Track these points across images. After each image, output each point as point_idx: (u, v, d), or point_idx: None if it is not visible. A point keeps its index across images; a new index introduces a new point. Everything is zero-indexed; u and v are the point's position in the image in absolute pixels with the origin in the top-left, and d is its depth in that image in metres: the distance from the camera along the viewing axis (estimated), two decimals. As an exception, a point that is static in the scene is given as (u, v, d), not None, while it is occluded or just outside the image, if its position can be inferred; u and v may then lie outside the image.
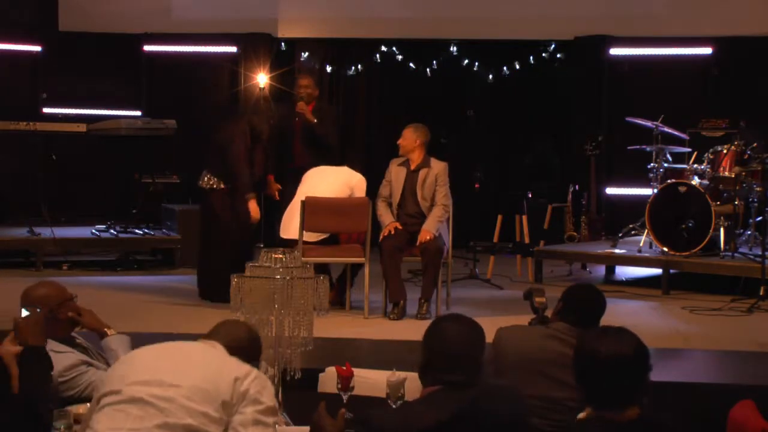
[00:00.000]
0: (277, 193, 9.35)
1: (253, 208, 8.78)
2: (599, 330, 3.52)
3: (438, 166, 8.71)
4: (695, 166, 10.12)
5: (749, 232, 9.91)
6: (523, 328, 4.87)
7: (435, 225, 8.50)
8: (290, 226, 8.60)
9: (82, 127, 11.39)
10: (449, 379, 3.45)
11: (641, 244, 10.13)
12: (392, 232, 8.52)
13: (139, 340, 4.84)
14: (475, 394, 3.40)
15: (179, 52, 12.88)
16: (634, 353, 3.39)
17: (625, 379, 3.36)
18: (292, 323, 4.04)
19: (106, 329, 4.71)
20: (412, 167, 8.71)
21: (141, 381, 3.38)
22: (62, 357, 4.50)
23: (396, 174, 8.75)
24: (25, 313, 4.20)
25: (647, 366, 3.41)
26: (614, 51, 12.53)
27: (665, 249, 9.74)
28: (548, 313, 4.96)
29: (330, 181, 8.71)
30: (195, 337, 3.63)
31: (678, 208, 9.66)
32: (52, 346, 4.40)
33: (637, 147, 10.53)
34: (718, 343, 7.67)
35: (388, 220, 8.62)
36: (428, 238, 8.40)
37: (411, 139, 8.71)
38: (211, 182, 8.89)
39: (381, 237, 8.59)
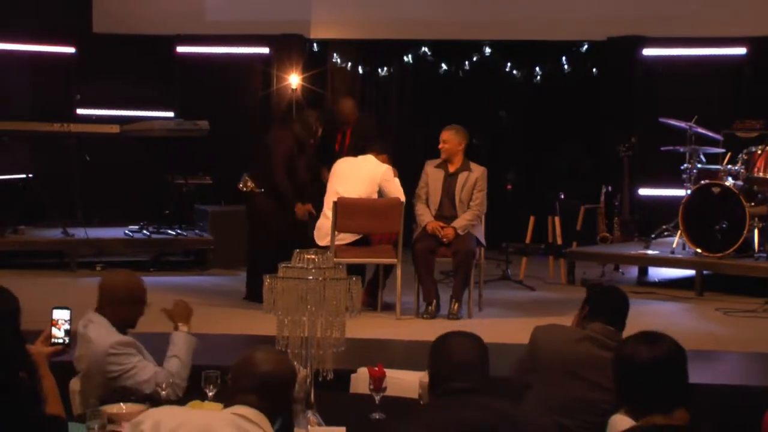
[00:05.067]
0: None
1: (299, 212, 8.84)
2: (636, 335, 3.50)
3: (478, 171, 8.69)
4: (729, 167, 10.07)
5: (784, 234, 9.84)
6: (560, 327, 4.86)
7: (463, 224, 8.50)
8: (323, 229, 8.61)
9: (115, 128, 11.44)
10: (455, 387, 3.46)
11: (674, 246, 10.07)
12: (441, 233, 8.49)
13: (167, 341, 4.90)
14: (493, 420, 3.39)
15: (212, 53, 12.93)
16: (673, 354, 3.39)
17: (669, 381, 3.35)
18: (324, 324, 4.04)
19: (180, 324, 4.80)
20: (451, 170, 8.70)
21: None
22: (117, 334, 4.70)
23: (433, 176, 8.74)
24: (58, 312, 4.23)
25: (686, 366, 3.41)
26: (647, 51, 12.47)
27: (699, 250, 9.69)
28: (571, 320, 4.93)
29: (357, 179, 8.66)
30: (228, 338, 3.63)
31: (711, 209, 9.60)
32: (109, 327, 4.71)
33: (671, 148, 10.49)
34: (752, 345, 7.62)
35: (428, 219, 8.60)
36: (449, 232, 8.40)
37: (455, 142, 8.68)
38: (249, 185, 8.93)
39: (415, 235, 8.60)
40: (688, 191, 9.97)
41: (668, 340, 3.43)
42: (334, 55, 12.95)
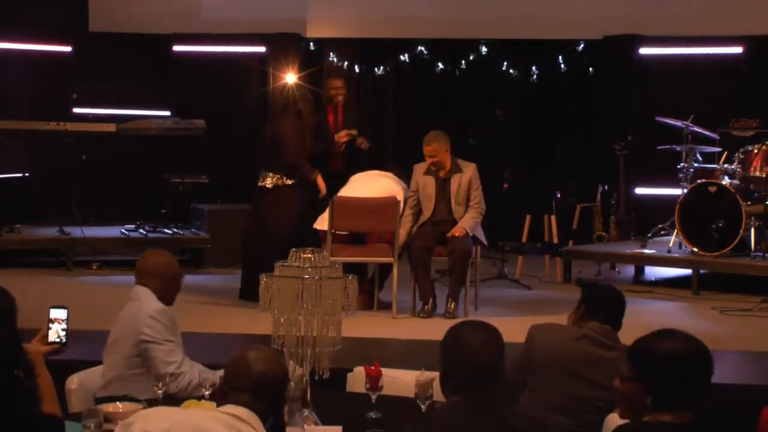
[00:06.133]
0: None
1: (320, 183, 8.83)
2: (663, 331, 3.49)
3: (469, 170, 8.67)
4: (725, 165, 10.07)
5: (780, 233, 9.84)
6: (557, 326, 4.86)
7: (470, 224, 8.50)
8: (325, 219, 8.60)
9: (111, 127, 11.44)
10: (470, 387, 3.36)
11: (671, 245, 10.08)
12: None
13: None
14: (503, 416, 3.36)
15: (208, 52, 12.92)
16: (703, 353, 3.40)
17: (693, 379, 3.35)
18: (320, 323, 4.04)
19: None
20: (443, 175, 8.66)
21: None
22: (162, 305, 4.88)
23: (423, 183, 8.69)
24: (55, 311, 4.23)
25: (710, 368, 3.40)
26: (644, 50, 12.48)
27: (695, 249, 9.69)
28: (567, 319, 4.93)
29: (372, 185, 8.70)
30: (223, 337, 3.63)
31: (708, 208, 9.61)
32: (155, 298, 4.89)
33: (667, 147, 10.49)
34: (748, 344, 7.63)
35: (402, 235, 8.58)
36: (458, 234, 8.39)
37: (443, 151, 8.62)
38: (275, 180, 8.89)
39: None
40: (685, 190, 9.97)
41: (698, 340, 3.43)
42: (331, 53, 12.95)
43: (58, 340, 4.15)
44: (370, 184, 8.75)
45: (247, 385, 3.36)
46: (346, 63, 12.95)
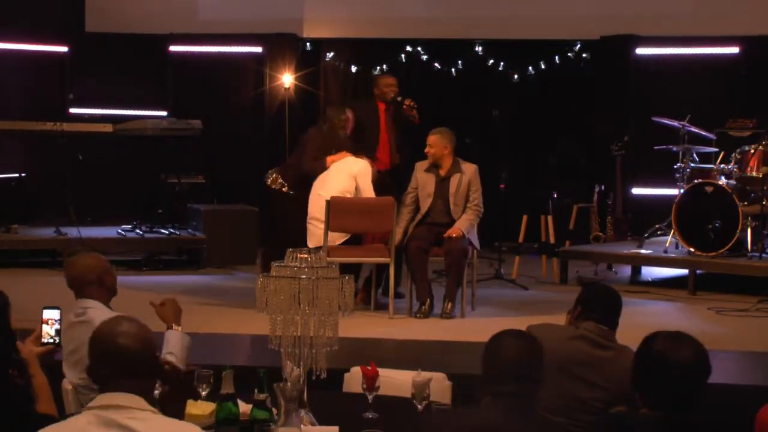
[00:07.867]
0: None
1: (330, 160, 8.75)
2: (667, 335, 3.52)
3: (469, 171, 8.65)
4: (722, 166, 10.07)
5: (777, 233, 9.84)
6: (553, 326, 4.85)
7: (466, 225, 8.49)
8: (314, 233, 8.53)
9: (108, 128, 11.43)
10: (500, 390, 3.45)
11: (667, 245, 10.08)
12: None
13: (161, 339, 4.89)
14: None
15: (205, 52, 12.92)
16: (703, 359, 3.50)
17: (693, 384, 3.37)
18: (317, 323, 4.03)
19: (173, 324, 4.80)
20: (442, 174, 8.65)
21: None
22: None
23: (423, 181, 8.69)
24: (48, 312, 4.22)
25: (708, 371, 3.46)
26: (640, 50, 12.49)
27: (691, 249, 9.69)
28: (565, 319, 4.92)
29: (334, 174, 8.63)
30: (220, 337, 3.61)
31: (704, 209, 9.60)
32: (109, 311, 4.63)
33: (664, 147, 10.49)
34: (744, 344, 7.63)
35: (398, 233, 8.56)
36: (454, 235, 8.38)
37: (440, 146, 8.63)
38: (276, 183, 8.89)
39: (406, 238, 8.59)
40: (681, 190, 9.97)
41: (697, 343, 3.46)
42: (327, 53, 12.94)
43: (51, 340, 4.15)
44: (331, 175, 8.62)
45: (114, 369, 3.07)
46: (342, 63, 12.95)
